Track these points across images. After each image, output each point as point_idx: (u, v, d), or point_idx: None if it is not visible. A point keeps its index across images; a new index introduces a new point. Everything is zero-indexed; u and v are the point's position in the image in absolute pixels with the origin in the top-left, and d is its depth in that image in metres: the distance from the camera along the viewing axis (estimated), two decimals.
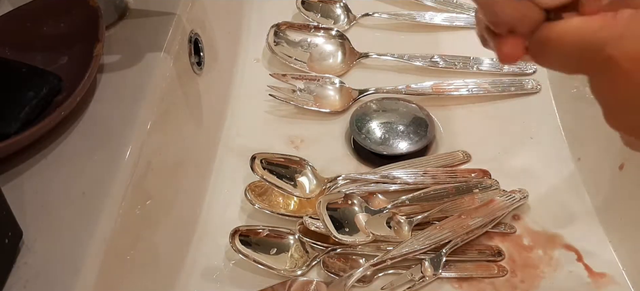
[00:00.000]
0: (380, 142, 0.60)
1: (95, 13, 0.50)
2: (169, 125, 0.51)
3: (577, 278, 0.50)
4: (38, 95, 0.45)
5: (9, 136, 0.42)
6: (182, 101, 0.55)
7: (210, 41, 0.62)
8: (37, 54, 0.50)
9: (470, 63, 0.68)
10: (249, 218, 0.55)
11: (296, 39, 0.69)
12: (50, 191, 0.41)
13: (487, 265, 0.51)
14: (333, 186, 0.55)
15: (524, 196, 0.55)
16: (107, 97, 0.48)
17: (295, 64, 0.68)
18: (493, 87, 0.66)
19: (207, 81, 0.60)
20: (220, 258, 0.52)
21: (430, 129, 0.61)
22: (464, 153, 0.60)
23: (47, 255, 0.38)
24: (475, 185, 0.56)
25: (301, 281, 0.49)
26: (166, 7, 0.56)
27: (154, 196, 0.47)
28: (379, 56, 0.69)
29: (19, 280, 0.37)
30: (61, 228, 0.39)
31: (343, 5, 0.74)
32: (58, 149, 0.44)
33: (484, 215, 0.53)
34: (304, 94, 0.64)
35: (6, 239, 0.37)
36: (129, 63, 0.50)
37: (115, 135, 0.45)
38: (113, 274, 0.40)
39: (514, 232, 0.54)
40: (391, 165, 0.58)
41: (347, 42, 0.69)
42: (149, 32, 0.53)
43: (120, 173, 0.43)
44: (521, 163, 0.59)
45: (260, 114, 0.65)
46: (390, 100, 0.64)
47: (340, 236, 0.50)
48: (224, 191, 0.58)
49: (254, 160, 0.54)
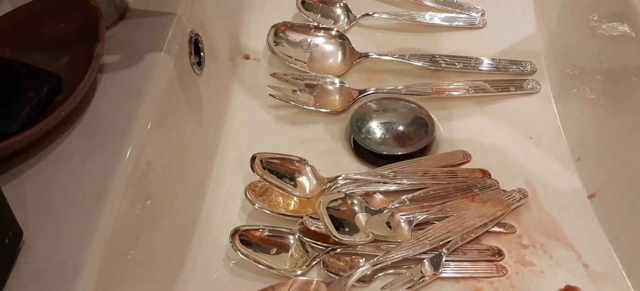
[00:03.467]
0: (380, 142, 0.60)
1: (95, 13, 0.50)
2: (169, 125, 0.51)
3: (577, 278, 0.50)
4: (38, 95, 0.45)
5: (9, 136, 0.42)
6: (182, 101, 0.55)
7: (210, 41, 0.62)
8: (37, 54, 0.49)
9: (470, 63, 0.68)
10: (249, 218, 0.55)
11: (296, 39, 0.69)
12: (50, 191, 0.41)
13: (487, 265, 0.51)
14: (333, 186, 0.55)
15: (524, 196, 0.56)
16: (107, 97, 0.48)
17: (295, 64, 0.68)
18: (493, 87, 0.66)
19: (207, 81, 0.60)
20: (220, 258, 0.52)
21: (430, 129, 0.61)
22: (464, 153, 0.60)
23: (47, 255, 0.38)
24: (475, 185, 0.56)
25: (301, 281, 0.49)
26: (166, 7, 0.56)
27: (154, 196, 0.47)
28: (379, 56, 0.69)
29: (19, 280, 0.37)
30: (61, 228, 0.39)
31: (343, 6, 0.74)
32: (58, 149, 0.44)
33: (484, 215, 0.53)
34: (304, 94, 0.64)
35: (6, 239, 0.37)
36: (129, 63, 0.50)
37: (115, 135, 0.45)
38: (113, 274, 0.40)
39: (514, 232, 0.54)
40: (391, 165, 0.58)
41: (347, 42, 0.69)
42: (149, 32, 0.54)
43: (120, 173, 0.43)
44: (521, 163, 0.59)
45: (260, 114, 0.65)
46: (390, 100, 0.64)
47: (340, 236, 0.50)
48: (224, 191, 0.58)
49: (254, 160, 0.54)
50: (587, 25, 0.62)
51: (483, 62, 0.68)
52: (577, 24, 0.64)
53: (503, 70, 0.68)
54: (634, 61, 0.53)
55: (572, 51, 0.65)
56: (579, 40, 0.63)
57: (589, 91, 0.60)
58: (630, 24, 0.54)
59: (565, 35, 0.66)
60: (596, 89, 0.59)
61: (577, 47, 0.64)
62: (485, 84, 0.66)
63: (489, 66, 0.68)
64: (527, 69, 0.68)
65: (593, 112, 0.59)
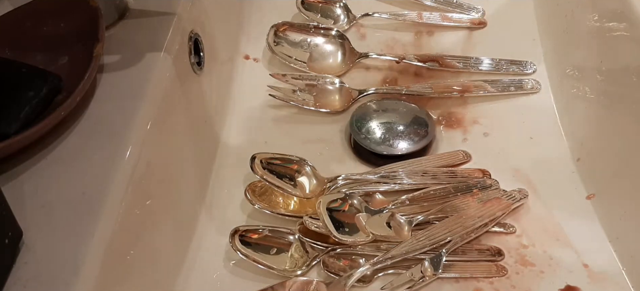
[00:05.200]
0: (380, 142, 0.60)
1: (95, 13, 0.50)
2: (169, 125, 0.51)
3: (577, 278, 0.50)
4: (38, 95, 0.45)
5: (9, 136, 0.42)
6: (182, 101, 0.55)
7: (210, 41, 0.62)
8: (37, 54, 0.50)
9: (470, 63, 0.68)
10: (249, 218, 0.55)
11: (296, 39, 0.69)
12: (50, 191, 0.41)
13: (487, 265, 0.51)
14: (333, 186, 0.55)
15: (524, 196, 0.55)
16: (107, 97, 0.48)
17: (295, 64, 0.68)
18: (493, 87, 0.66)
19: (207, 81, 0.60)
20: (220, 258, 0.52)
21: (430, 129, 0.61)
22: (464, 153, 0.60)
23: (47, 255, 0.38)
24: (475, 185, 0.56)
25: (301, 281, 0.49)
26: (166, 7, 0.56)
27: (154, 196, 0.47)
28: (379, 56, 0.69)
29: (19, 280, 0.37)
30: (61, 228, 0.39)
31: (343, 5, 0.74)
32: (58, 149, 0.44)
33: (484, 215, 0.53)
34: (304, 94, 0.64)
35: (6, 239, 0.37)
36: (129, 63, 0.50)
37: (115, 135, 0.45)
38: (113, 274, 0.40)
39: (514, 232, 0.54)
40: (391, 165, 0.58)
41: (347, 42, 0.69)
42: (149, 32, 0.53)
43: (120, 173, 0.43)
44: (521, 163, 0.59)
45: (260, 114, 0.65)
46: (390, 100, 0.64)
47: (340, 236, 0.50)
48: (224, 191, 0.58)
49: (254, 160, 0.54)
50: (587, 25, 0.62)
51: (483, 62, 0.68)
52: (577, 24, 0.64)
53: (503, 70, 0.68)
54: (634, 61, 0.53)
55: (572, 51, 0.65)
56: (579, 40, 0.63)
57: (589, 91, 0.60)
58: (630, 24, 0.54)
59: (565, 35, 0.66)
60: (596, 89, 0.59)
61: (577, 47, 0.64)
62: (485, 84, 0.66)
63: (489, 66, 0.68)
64: (527, 69, 0.68)
65: (593, 112, 0.59)
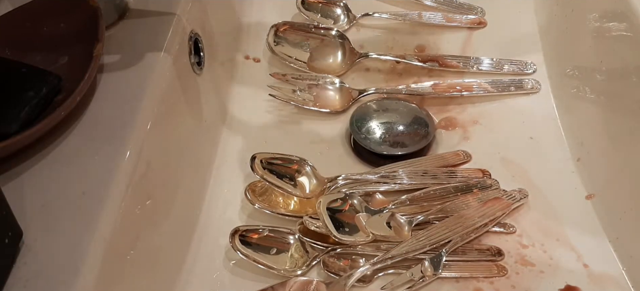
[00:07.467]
0: (380, 142, 0.60)
1: (95, 13, 0.50)
2: (169, 125, 0.51)
3: (577, 278, 0.50)
4: (38, 95, 0.45)
5: (9, 136, 0.42)
6: (182, 101, 0.55)
7: (210, 41, 0.62)
8: (37, 54, 0.49)
9: (470, 63, 0.68)
10: (249, 218, 0.55)
11: (296, 39, 0.69)
12: (50, 191, 0.41)
13: (487, 264, 0.51)
14: (333, 186, 0.55)
15: (524, 196, 0.55)
16: (107, 97, 0.48)
17: (295, 64, 0.68)
18: (493, 87, 0.66)
19: (207, 81, 0.60)
20: (220, 258, 0.52)
21: (431, 129, 0.61)
22: (464, 153, 0.60)
23: (47, 255, 0.38)
24: (475, 185, 0.56)
25: (301, 281, 0.49)
26: (166, 7, 0.56)
27: (154, 196, 0.47)
28: (379, 56, 0.69)
29: (19, 280, 0.37)
30: (61, 228, 0.39)
31: (343, 5, 0.74)
32: (58, 149, 0.44)
33: (484, 215, 0.53)
34: (304, 94, 0.64)
35: (6, 239, 0.37)
36: (129, 63, 0.50)
37: (115, 135, 0.45)
38: (113, 274, 0.40)
39: (514, 232, 0.54)
40: (391, 165, 0.58)
41: (347, 42, 0.69)
42: (149, 32, 0.53)
43: (120, 173, 0.43)
44: (521, 163, 0.59)
45: (260, 114, 0.65)
46: (390, 100, 0.64)
47: (340, 236, 0.50)
48: (224, 191, 0.58)
49: (254, 160, 0.54)
50: (587, 25, 0.62)
51: (483, 62, 0.68)
52: (577, 24, 0.64)
53: (503, 70, 0.68)
54: (634, 61, 0.53)
55: (572, 50, 0.65)
56: (579, 40, 0.63)
57: (589, 91, 0.60)
58: (630, 24, 0.54)
59: (565, 35, 0.66)
60: (596, 89, 0.59)
61: (577, 47, 0.64)
62: (485, 84, 0.66)
63: (489, 66, 0.68)
64: (527, 69, 0.68)
65: (593, 112, 0.59)
